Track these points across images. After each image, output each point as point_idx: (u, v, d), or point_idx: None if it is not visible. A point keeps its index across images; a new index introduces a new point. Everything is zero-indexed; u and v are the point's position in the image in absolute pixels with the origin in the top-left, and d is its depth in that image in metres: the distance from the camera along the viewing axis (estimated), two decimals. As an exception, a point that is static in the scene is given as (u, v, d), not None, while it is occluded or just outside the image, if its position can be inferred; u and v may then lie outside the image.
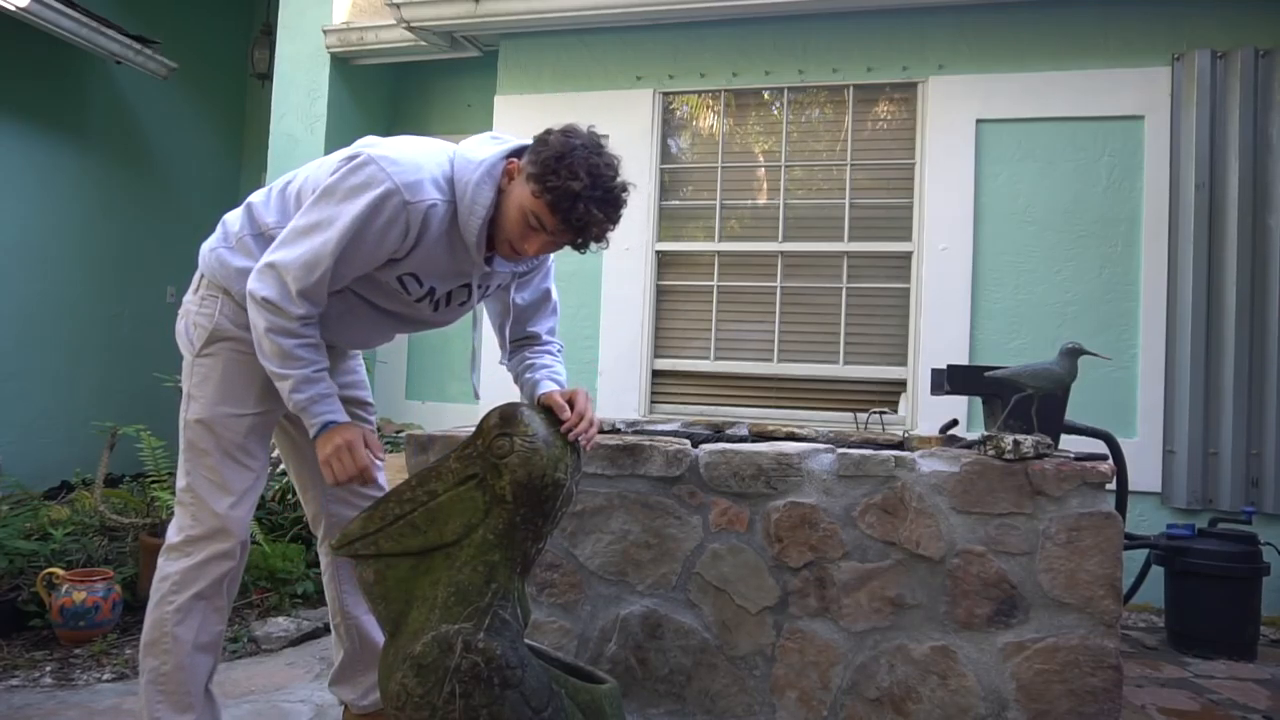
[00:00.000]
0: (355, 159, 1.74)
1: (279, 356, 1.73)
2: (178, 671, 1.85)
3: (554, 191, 1.68)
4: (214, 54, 6.19)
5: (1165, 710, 2.62)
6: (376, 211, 1.69)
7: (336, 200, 1.71)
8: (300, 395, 1.75)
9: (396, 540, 1.69)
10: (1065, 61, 4.04)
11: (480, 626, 1.62)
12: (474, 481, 1.69)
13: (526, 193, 1.72)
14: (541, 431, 1.72)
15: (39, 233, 5.08)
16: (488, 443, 1.69)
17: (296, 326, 1.73)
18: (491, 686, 1.58)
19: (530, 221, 1.73)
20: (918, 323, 4.15)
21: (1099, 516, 2.13)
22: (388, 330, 2.05)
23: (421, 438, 2.46)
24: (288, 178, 1.94)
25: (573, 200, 1.68)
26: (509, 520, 1.67)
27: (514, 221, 1.75)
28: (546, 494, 1.68)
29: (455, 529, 1.68)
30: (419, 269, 1.82)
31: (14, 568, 3.15)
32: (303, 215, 1.75)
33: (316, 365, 1.77)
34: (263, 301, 1.71)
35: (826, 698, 2.22)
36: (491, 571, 1.66)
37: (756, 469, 2.27)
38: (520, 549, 1.70)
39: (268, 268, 1.73)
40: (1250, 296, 3.81)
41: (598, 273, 4.53)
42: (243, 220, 1.92)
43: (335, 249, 1.70)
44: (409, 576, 1.69)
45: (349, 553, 1.72)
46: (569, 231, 1.74)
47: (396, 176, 1.70)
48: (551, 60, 4.69)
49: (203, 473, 1.87)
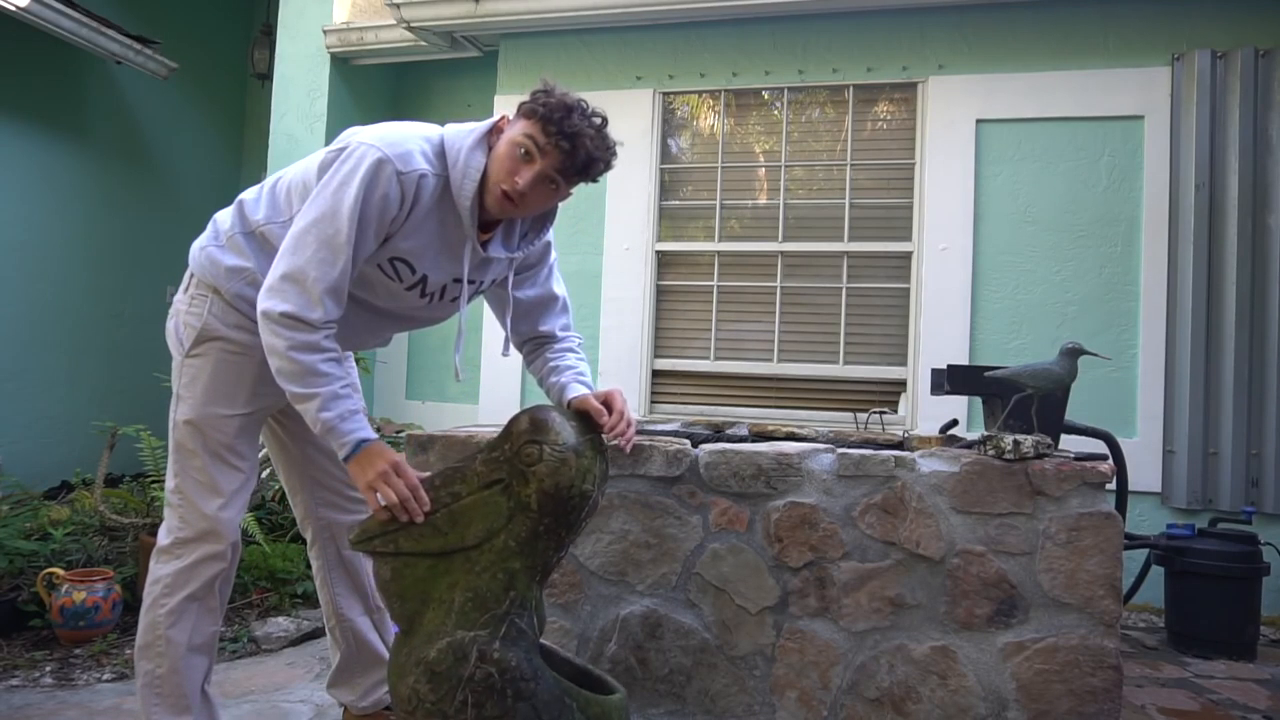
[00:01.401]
0: (343, 149, 1.73)
1: (303, 375, 1.65)
2: (173, 674, 1.85)
3: (546, 106, 1.70)
4: (214, 54, 6.19)
5: (1165, 710, 2.62)
6: (374, 184, 1.67)
7: (332, 190, 1.68)
8: (328, 414, 1.66)
9: (416, 540, 1.67)
10: (1065, 61, 4.04)
11: (496, 635, 1.60)
12: (499, 486, 1.66)
13: (517, 126, 1.73)
14: (571, 440, 1.68)
15: (39, 233, 5.08)
16: (516, 448, 1.66)
17: (320, 339, 1.67)
18: (504, 698, 1.57)
19: (521, 151, 1.71)
20: (918, 323, 4.15)
21: (1099, 516, 2.13)
22: (379, 330, 2.01)
23: (421, 437, 2.46)
24: (277, 175, 1.93)
25: (566, 111, 1.69)
26: (532, 528, 1.64)
27: (504, 158, 1.73)
28: (573, 505, 1.65)
29: (477, 533, 1.65)
30: (411, 250, 1.78)
31: (14, 568, 3.15)
32: (302, 216, 1.71)
33: (343, 380, 1.69)
34: (281, 318, 1.64)
35: (826, 698, 2.22)
36: (511, 579, 1.64)
37: (756, 469, 2.27)
38: (541, 558, 1.67)
39: (281, 281, 1.67)
40: (1250, 296, 3.81)
41: (598, 273, 4.54)
42: (233, 218, 1.90)
43: (349, 236, 1.66)
44: (427, 577, 1.67)
45: (367, 549, 1.69)
46: (561, 152, 1.70)
47: (386, 149, 1.69)
48: (551, 60, 4.69)
49: (192, 474, 1.86)
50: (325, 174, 1.73)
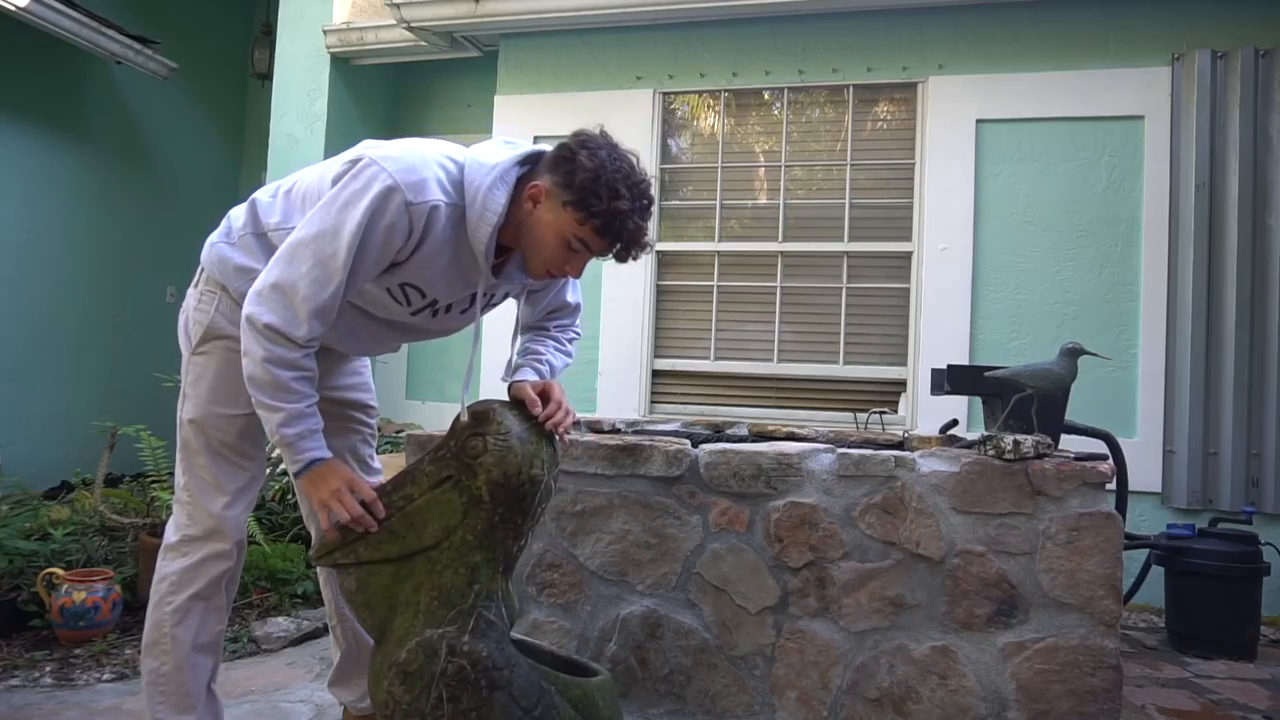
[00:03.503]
0: (357, 163, 1.67)
1: (273, 388, 1.63)
2: (178, 672, 1.85)
3: (601, 216, 1.63)
4: (214, 54, 6.19)
5: (1165, 710, 2.61)
6: (380, 213, 1.61)
7: (338, 208, 1.63)
8: (290, 430, 1.65)
9: (375, 547, 1.67)
10: (1065, 61, 4.04)
11: (464, 629, 1.61)
12: (449, 483, 1.67)
13: (568, 219, 1.65)
14: (515, 428, 1.68)
15: (39, 233, 5.08)
16: (460, 443, 1.67)
17: (298, 357, 1.64)
18: (479, 689, 1.57)
19: (573, 246, 1.68)
20: (918, 323, 4.15)
21: (1099, 516, 2.13)
22: (390, 341, 2.00)
23: (421, 438, 2.46)
24: (294, 178, 1.89)
25: (622, 219, 1.65)
26: (488, 520, 1.65)
27: (552, 247, 1.69)
28: (524, 491, 1.66)
29: (434, 532, 1.66)
30: (419, 277, 1.75)
31: (14, 568, 3.15)
32: (303, 227, 1.66)
33: (309, 400, 1.68)
34: (265, 329, 1.61)
35: (826, 698, 2.22)
36: (473, 573, 1.65)
37: (756, 469, 2.27)
38: (501, 548, 1.68)
39: (271, 290, 1.63)
40: (1250, 296, 3.81)
41: (598, 273, 4.53)
42: (246, 216, 1.88)
43: (345, 260, 1.61)
44: (391, 583, 1.67)
45: (329, 562, 1.70)
46: (615, 247, 1.70)
47: (398, 175, 1.62)
48: (551, 60, 4.69)
49: (196, 472, 1.86)
50: (334, 186, 1.68)
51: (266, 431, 1.70)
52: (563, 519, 2.40)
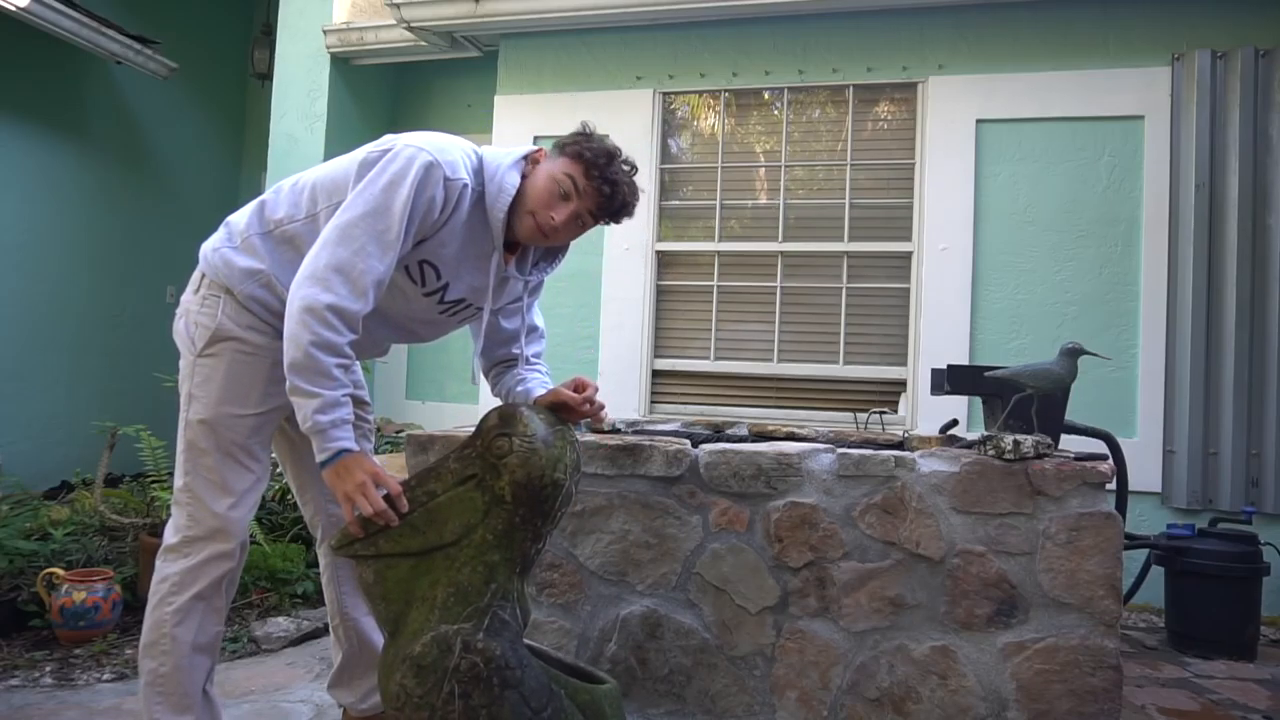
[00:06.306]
0: (390, 150, 1.77)
1: (313, 373, 1.66)
2: (176, 673, 1.85)
3: (591, 151, 1.82)
4: (214, 54, 6.19)
5: (1165, 710, 2.62)
6: (424, 185, 1.72)
7: (382, 187, 1.72)
8: (324, 417, 1.67)
9: (395, 541, 1.69)
10: (1065, 61, 4.04)
11: (480, 627, 1.62)
12: (473, 482, 1.69)
13: (559, 161, 1.84)
14: (541, 431, 1.71)
15: (39, 233, 5.08)
16: (486, 443, 1.69)
17: (344, 343, 1.69)
18: (491, 687, 1.58)
19: (561, 187, 1.82)
20: (918, 323, 4.15)
21: (1099, 516, 2.13)
22: (380, 339, 2.03)
23: (421, 437, 2.46)
24: (296, 177, 1.94)
25: (609, 158, 1.83)
26: (508, 521, 1.67)
27: (542, 191, 1.82)
28: (546, 494, 1.68)
29: (454, 529, 1.68)
30: (438, 255, 1.84)
31: (14, 568, 3.15)
32: (347, 210, 1.73)
33: (345, 389, 1.72)
34: (327, 309, 1.65)
35: (826, 698, 2.22)
36: (491, 572, 1.66)
37: (756, 469, 2.27)
38: (520, 549, 1.70)
39: (327, 270, 1.68)
40: (1250, 296, 3.81)
41: (598, 273, 4.54)
42: (250, 218, 1.91)
43: (399, 233, 1.71)
44: (409, 577, 1.69)
45: (349, 553, 1.72)
46: (600, 195, 1.83)
47: (436, 154, 1.75)
48: (551, 60, 4.69)
49: (202, 473, 1.87)
50: (370, 171, 1.76)
51: (299, 419, 1.71)
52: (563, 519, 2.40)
